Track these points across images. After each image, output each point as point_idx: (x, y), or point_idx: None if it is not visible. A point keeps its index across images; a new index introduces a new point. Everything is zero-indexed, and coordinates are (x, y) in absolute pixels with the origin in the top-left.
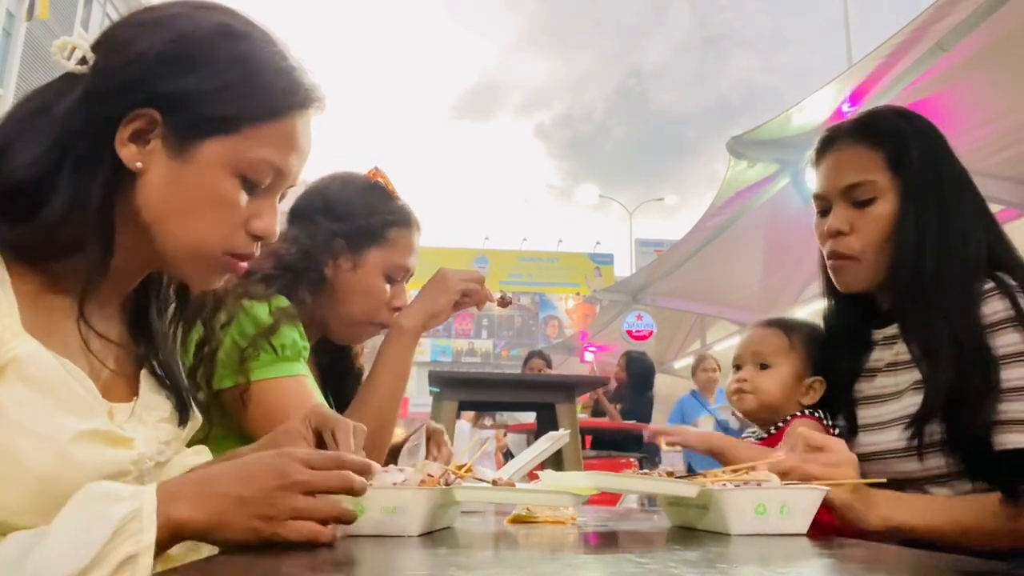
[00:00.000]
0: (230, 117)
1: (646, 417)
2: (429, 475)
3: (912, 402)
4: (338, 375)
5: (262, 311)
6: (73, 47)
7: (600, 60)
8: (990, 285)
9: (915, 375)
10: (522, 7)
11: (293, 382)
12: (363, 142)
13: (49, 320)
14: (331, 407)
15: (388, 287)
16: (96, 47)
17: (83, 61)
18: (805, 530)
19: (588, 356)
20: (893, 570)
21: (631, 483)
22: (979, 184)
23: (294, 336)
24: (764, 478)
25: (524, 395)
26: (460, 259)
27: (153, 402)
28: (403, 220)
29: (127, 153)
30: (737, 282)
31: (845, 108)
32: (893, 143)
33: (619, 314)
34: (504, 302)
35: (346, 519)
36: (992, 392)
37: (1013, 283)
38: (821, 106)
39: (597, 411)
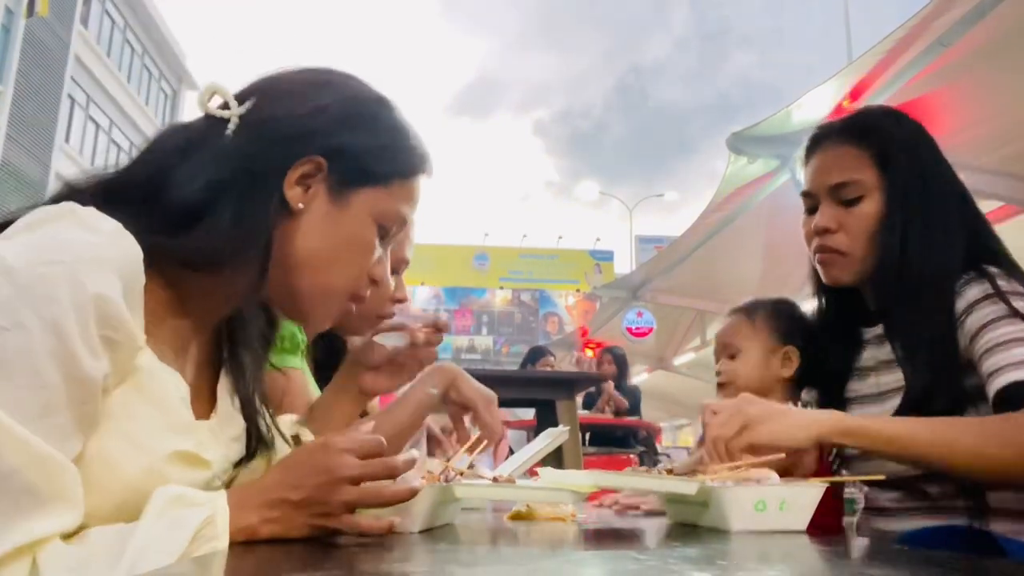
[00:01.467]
0: (383, 172)
1: (638, 410)
2: (429, 472)
3: (895, 404)
4: (332, 370)
5: None
6: (213, 92)
7: (599, 56)
8: (970, 275)
9: (901, 375)
10: (520, 3)
11: (291, 374)
12: None
13: (165, 335)
14: None
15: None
16: (251, 95)
17: (224, 106)
18: (805, 527)
19: (588, 353)
20: (892, 566)
21: (631, 481)
22: (980, 180)
23: (293, 329)
24: (763, 475)
25: (524, 392)
26: (460, 256)
27: (228, 418)
28: None
29: (293, 194)
30: (737, 278)
31: (846, 104)
32: (880, 143)
33: (619, 311)
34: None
35: (400, 499)
36: (963, 399)
37: (995, 270)
38: (821, 102)
39: (589, 404)
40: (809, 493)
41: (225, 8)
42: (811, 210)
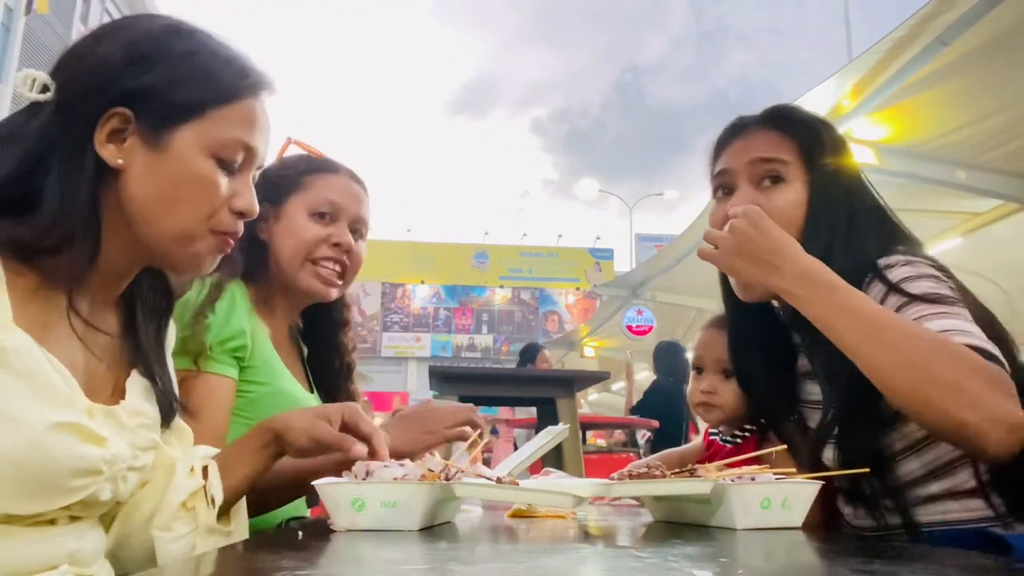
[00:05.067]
0: (193, 104)
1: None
2: (430, 470)
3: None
4: (326, 368)
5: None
6: (34, 78)
7: (596, 55)
8: (869, 277)
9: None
10: (517, 2)
11: (212, 381)
12: (360, 140)
13: (45, 317)
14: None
15: (318, 225)
16: (57, 70)
17: (45, 89)
18: (801, 523)
19: (588, 351)
20: (891, 562)
21: (642, 487)
22: (979, 178)
23: (232, 335)
24: (759, 473)
25: (525, 390)
26: (460, 254)
27: (138, 407)
28: (319, 167)
29: (107, 153)
30: None
31: (846, 102)
32: (807, 135)
33: (619, 309)
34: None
35: None
36: (878, 422)
37: (891, 260)
38: (821, 101)
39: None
40: (807, 490)
41: (224, 7)
42: (724, 194)
